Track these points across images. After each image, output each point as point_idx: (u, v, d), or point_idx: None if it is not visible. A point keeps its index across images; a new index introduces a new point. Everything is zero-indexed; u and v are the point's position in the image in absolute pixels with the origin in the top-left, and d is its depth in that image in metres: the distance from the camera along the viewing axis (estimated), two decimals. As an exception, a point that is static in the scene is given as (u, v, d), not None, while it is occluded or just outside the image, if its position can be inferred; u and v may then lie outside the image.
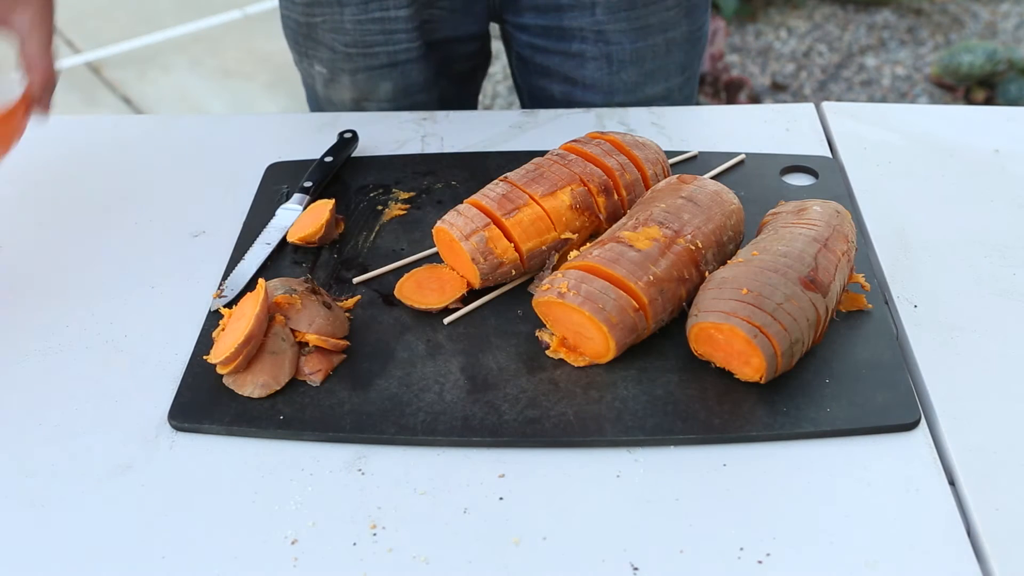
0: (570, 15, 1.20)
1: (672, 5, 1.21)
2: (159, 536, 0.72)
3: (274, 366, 0.82)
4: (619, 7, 1.19)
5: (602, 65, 1.23)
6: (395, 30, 1.20)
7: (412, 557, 0.70)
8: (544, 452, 0.77)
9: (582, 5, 1.19)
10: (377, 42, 1.21)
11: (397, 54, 1.22)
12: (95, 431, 0.81)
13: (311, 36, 1.24)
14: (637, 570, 0.68)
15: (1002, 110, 1.18)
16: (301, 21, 1.23)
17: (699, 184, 0.90)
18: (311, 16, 1.22)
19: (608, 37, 1.21)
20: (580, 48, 1.22)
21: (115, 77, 3.28)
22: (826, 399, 0.79)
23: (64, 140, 1.18)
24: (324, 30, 1.22)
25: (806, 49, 3.25)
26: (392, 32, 1.20)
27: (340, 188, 1.07)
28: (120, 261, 0.99)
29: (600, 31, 1.21)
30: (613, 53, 1.22)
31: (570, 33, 1.22)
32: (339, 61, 1.24)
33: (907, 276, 0.92)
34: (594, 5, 1.19)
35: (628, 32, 1.21)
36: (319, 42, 1.23)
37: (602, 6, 1.19)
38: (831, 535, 0.70)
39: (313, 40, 1.24)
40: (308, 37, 1.24)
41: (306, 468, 0.77)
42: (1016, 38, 3.27)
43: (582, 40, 1.22)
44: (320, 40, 1.23)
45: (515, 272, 0.90)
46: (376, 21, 1.19)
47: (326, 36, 1.22)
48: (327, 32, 1.22)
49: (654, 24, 1.21)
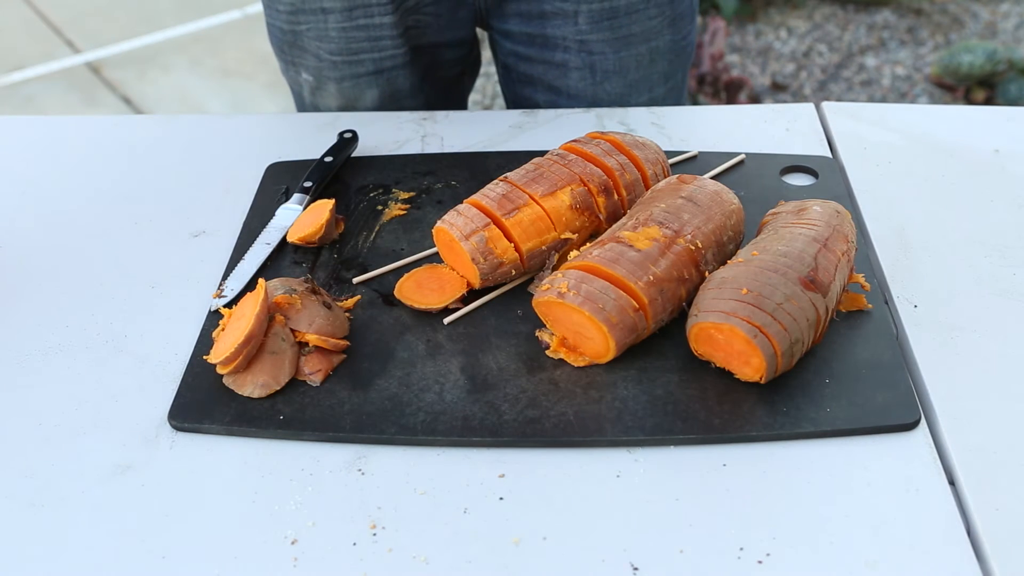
0: (553, 23, 1.19)
1: (655, 14, 1.20)
2: (159, 536, 0.72)
3: (274, 366, 0.82)
4: (601, 16, 1.18)
5: (585, 75, 1.23)
6: (380, 36, 1.19)
7: (412, 557, 0.70)
8: (544, 452, 0.77)
9: (565, 13, 1.18)
10: (363, 49, 1.20)
11: (383, 60, 1.21)
12: (95, 431, 0.81)
13: (296, 44, 1.23)
14: (637, 570, 0.68)
15: (1002, 110, 1.18)
16: (286, 29, 1.22)
17: (699, 184, 0.90)
18: (296, 24, 1.20)
19: (591, 47, 1.20)
20: (563, 58, 1.22)
21: (115, 77, 3.28)
22: (826, 399, 0.79)
23: (64, 140, 1.18)
24: (309, 38, 1.21)
25: (806, 49, 3.25)
26: (377, 39, 1.19)
27: (340, 188, 1.07)
28: (120, 261, 0.99)
29: (583, 40, 1.20)
30: (596, 63, 1.22)
31: (553, 42, 1.21)
32: (325, 69, 1.23)
33: (907, 276, 0.92)
34: (576, 14, 1.18)
35: (611, 42, 1.20)
36: (305, 50, 1.23)
37: (584, 15, 1.18)
38: (831, 535, 0.70)
39: (299, 48, 1.23)
40: (293, 45, 1.23)
41: (306, 468, 0.77)
42: (1016, 38, 3.27)
43: (565, 50, 1.21)
44: (306, 48, 1.22)
45: (515, 272, 0.90)
46: (361, 28, 1.18)
47: (311, 44, 1.21)
48: (312, 40, 1.21)
49: (637, 34, 1.21)
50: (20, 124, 1.25)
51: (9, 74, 3.30)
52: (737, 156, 1.07)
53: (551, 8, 1.18)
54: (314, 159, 1.09)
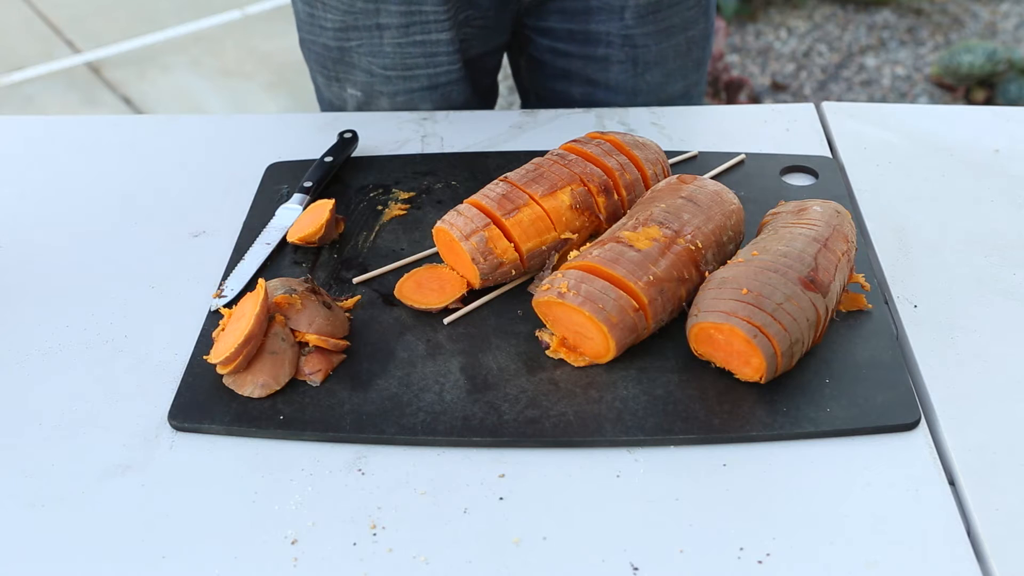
0: (598, 19, 1.21)
1: (693, 4, 1.22)
2: (159, 536, 0.72)
3: (274, 366, 0.82)
4: (647, 10, 1.19)
5: (627, 68, 1.24)
6: (436, 53, 1.19)
7: (412, 557, 0.70)
8: (544, 452, 0.77)
9: (611, 9, 1.19)
10: (418, 65, 1.20)
11: (438, 76, 1.21)
12: (95, 431, 0.81)
13: (344, 60, 1.22)
14: (637, 570, 0.68)
15: (1002, 110, 1.18)
16: (332, 45, 1.21)
17: (699, 184, 0.90)
18: (345, 40, 1.20)
19: (635, 40, 1.22)
20: (606, 52, 1.23)
21: (115, 77, 3.28)
22: (826, 399, 0.79)
23: (64, 140, 1.18)
24: (360, 54, 1.20)
25: (806, 49, 3.25)
26: (433, 55, 1.19)
27: (340, 188, 1.07)
28: (120, 261, 0.99)
29: (627, 35, 1.21)
30: (639, 56, 1.23)
31: (596, 37, 1.22)
32: (377, 84, 1.22)
33: (907, 276, 0.92)
34: (623, 9, 1.19)
35: (653, 35, 1.22)
36: (353, 66, 1.22)
37: (631, 10, 1.19)
38: (831, 535, 0.70)
39: (346, 64, 1.22)
40: (340, 61, 1.22)
41: (306, 468, 0.77)
42: (1016, 38, 3.27)
43: (608, 44, 1.22)
44: (355, 64, 1.21)
45: (515, 272, 0.90)
46: (417, 44, 1.18)
47: (362, 60, 1.20)
48: (364, 56, 1.20)
49: (677, 24, 1.23)
50: (20, 124, 1.25)
51: (9, 74, 3.30)
52: (737, 156, 1.07)
53: (597, 4, 1.19)
54: (314, 159, 1.09)
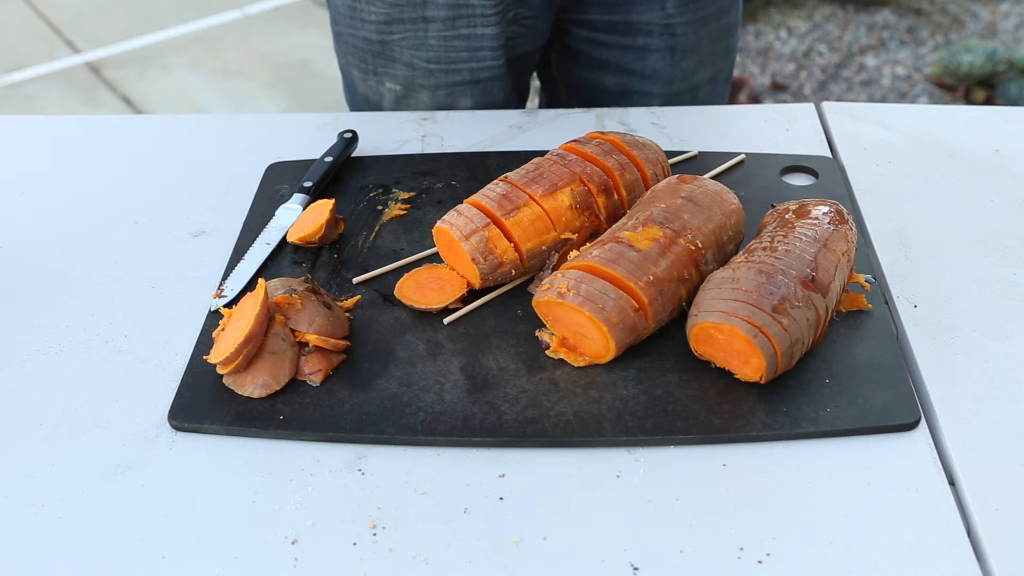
0: (638, 9, 1.22)
1: None
2: (159, 536, 0.72)
3: (274, 366, 0.82)
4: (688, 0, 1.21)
5: (665, 56, 1.25)
6: (480, 47, 1.19)
7: (412, 557, 0.70)
8: (544, 452, 0.77)
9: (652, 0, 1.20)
10: (461, 59, 1.20)
11: (480, 71, 1.21)
12: (95, 431, 0.81)
13: (384, 54, 1.22)
14: (637, 570, 0.68)
15: (1002, 110, 1.18)
16: (373, 39, 1.21)
17: (699, 184, 0.90)
18: (388, 34, 1.20)
19: (675, 29, 1.23)
20: (645, 42, 1.24)
21: (115, 77, 3.28)
22: (826, 399, 0.79)
23: (64, 140, 1.18)
24: (403, 47, 1.20)
25: (806, 49, 3.25)
26: (477, 49, 1.19)
27: (340, 188, 1.07)
28: (120, 261, 0.99)
29: (668, 24, 1.22)
30: (677, 44, 1.24)
31: (636, 27, 1.23)
32: (418, 77, 1.22)
33: (907, 276, 0.92)
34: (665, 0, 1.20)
35: (692, 23, 1.23)
36: (395, 59, 1.22)
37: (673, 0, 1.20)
38: (831, 535, 0.70)
39: (386, 58, 1.22)
40: (380, 55, 1.22)
41: (306, 468, 0.77)
42: (1016, 38, 3.27)
43: (648, 34, 1.23)
44: (396, 57, 1.21)
45: (515, 272, 0.90)
46: (462, 38, 1.18)
47: (404, 53, 1.20)
48: (406, 49, 1.20)
49: (713, 13, 1.24)
50: (20, 124, 1.25)
51: (9, 74, 3.30)
52: (737, 156, 1.07)
53: None
54: (314, 159, 1.09)
